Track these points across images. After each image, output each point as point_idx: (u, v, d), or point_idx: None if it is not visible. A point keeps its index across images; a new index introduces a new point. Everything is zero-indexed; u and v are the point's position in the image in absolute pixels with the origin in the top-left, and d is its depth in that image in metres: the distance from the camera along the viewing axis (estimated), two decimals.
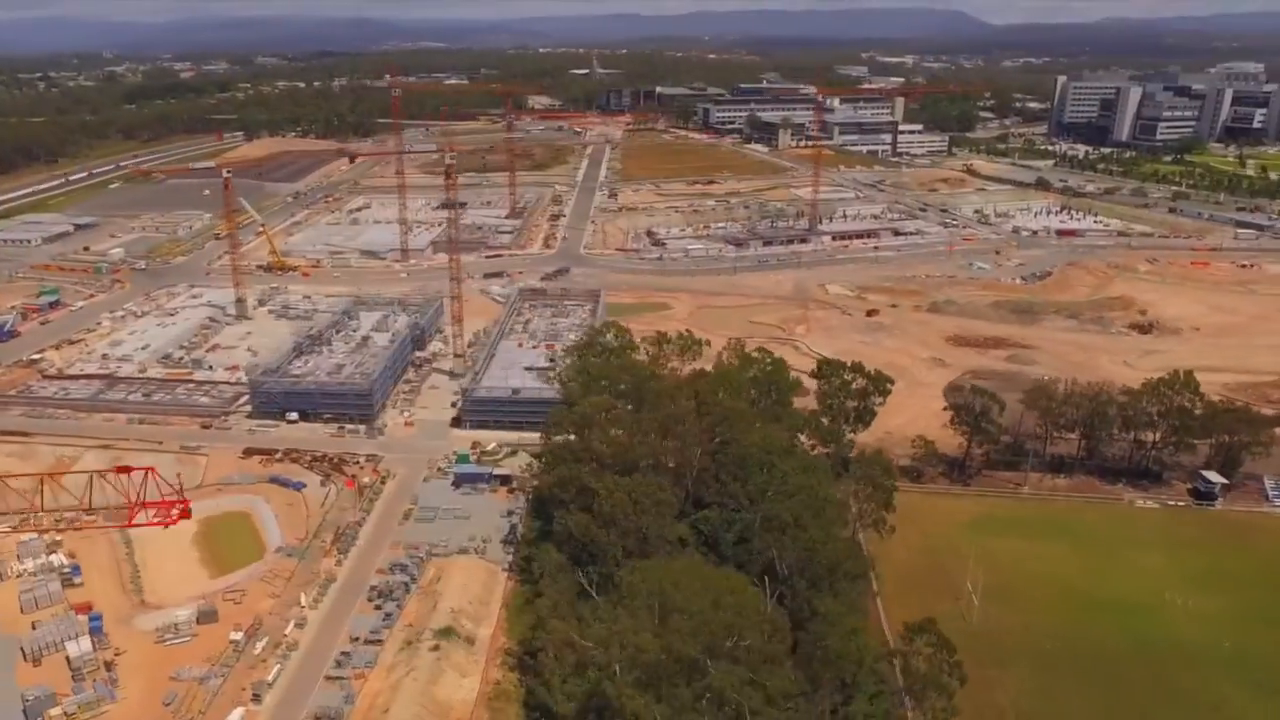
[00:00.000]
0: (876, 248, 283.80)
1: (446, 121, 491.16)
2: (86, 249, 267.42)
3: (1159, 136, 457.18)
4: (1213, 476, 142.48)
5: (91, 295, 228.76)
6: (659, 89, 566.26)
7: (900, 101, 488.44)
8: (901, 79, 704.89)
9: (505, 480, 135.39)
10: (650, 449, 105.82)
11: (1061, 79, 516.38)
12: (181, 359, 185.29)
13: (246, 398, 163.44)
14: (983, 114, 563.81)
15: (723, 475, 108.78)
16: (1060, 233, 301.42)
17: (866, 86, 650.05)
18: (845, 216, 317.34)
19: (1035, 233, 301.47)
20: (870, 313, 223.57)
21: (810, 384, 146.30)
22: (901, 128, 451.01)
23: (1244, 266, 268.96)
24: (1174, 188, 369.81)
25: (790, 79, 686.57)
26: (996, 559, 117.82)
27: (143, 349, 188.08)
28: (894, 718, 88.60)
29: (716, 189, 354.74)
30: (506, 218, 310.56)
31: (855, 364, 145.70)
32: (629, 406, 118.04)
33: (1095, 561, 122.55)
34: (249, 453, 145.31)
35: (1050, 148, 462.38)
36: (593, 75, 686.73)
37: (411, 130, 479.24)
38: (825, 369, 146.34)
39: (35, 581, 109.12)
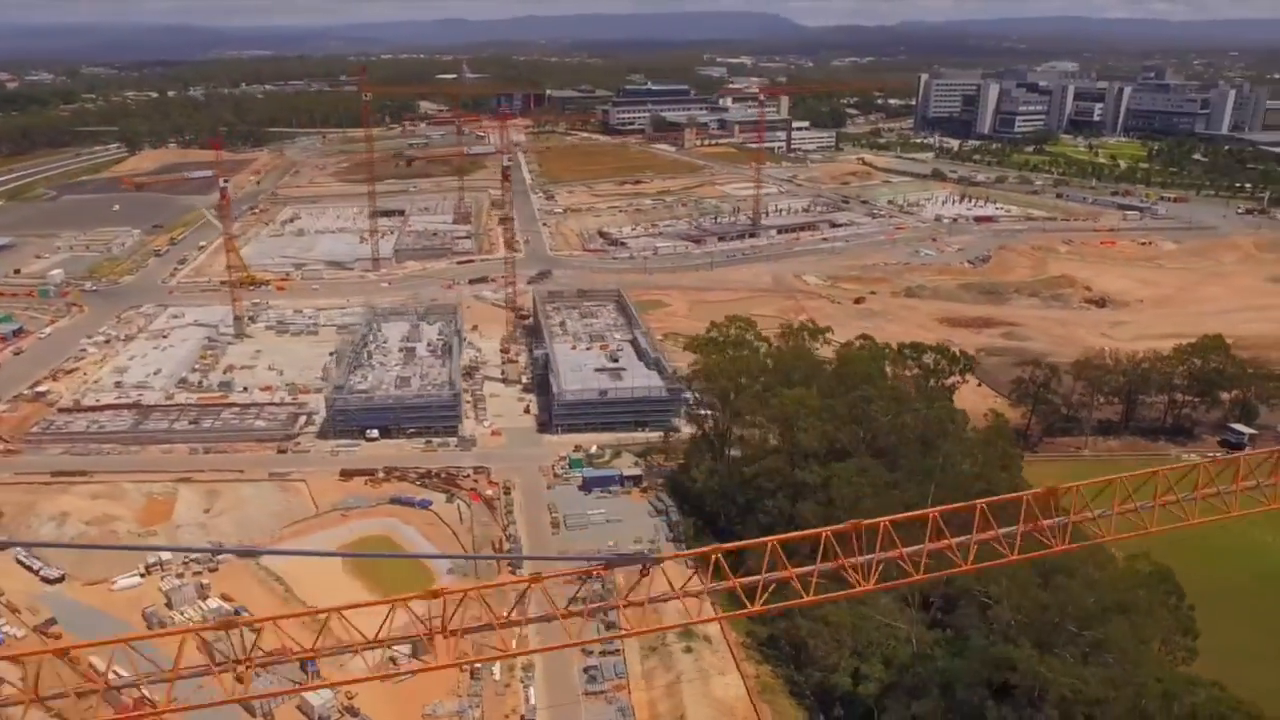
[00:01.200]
0: (825, 239, 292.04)
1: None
2: (17, 271, 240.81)
3: (1017, 129, 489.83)
4: (1240, 428, 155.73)
5: (52, 320, 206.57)
6: (549, 92, 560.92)
7: (785, 100, 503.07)
8: (759, 78, 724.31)
9: (636, 480, 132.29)
10: (852, 434, 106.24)
11: (924, 77, 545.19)
12: (201, 383, 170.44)
13: (305, 418, 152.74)
14: (849, 110, 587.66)
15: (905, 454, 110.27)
16: (977, 219, 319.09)
17: (733, 86, 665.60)
18: (778, 211, 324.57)
19: (955, 220, 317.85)
20: (858, 300, 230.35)
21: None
22: (796, 125, 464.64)
23: (1143, 244, 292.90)
24: (1045, 175, 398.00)
25: (655, 80, 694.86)
26: None
27: (155, 374, 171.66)
28: None
29: (647, 188, 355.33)
30: (454, 223, 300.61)
31: (938, 345, 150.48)
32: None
33: None
34: (347, 474, 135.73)
35: (924, 141, 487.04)
36: (461, 80, 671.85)
37: (307, 138, 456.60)
38: (907, 351, 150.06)
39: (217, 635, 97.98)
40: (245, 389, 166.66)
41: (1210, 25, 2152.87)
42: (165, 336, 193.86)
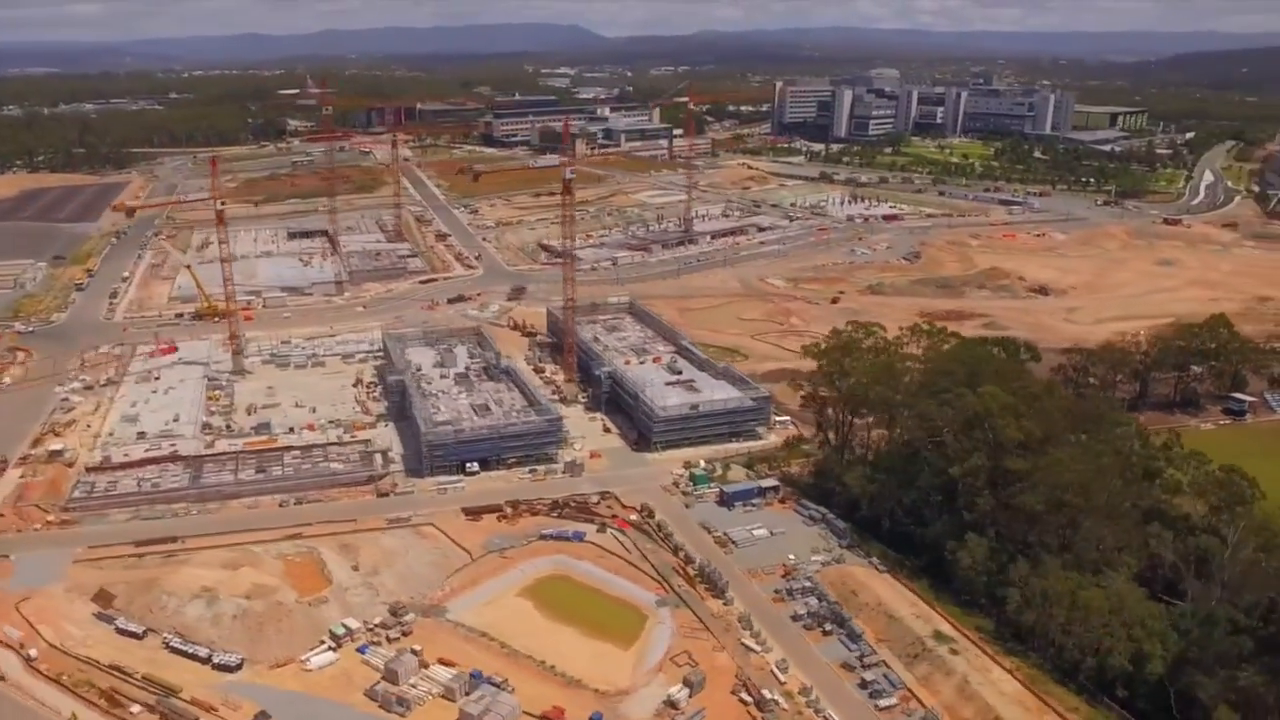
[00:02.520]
0: (762, 243, 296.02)
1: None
2: None
3: (871, 132, 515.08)
4: (1241, 396, 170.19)
5: (3, 367, 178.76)
6: (419, 105, 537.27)
7: (656, 110, 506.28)
8: (601, 89, 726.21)
9: (775, 491, 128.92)
10: (1054, 425, 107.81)
11: (779, 84, 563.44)
12: (229, 426, 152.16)
13: (378, 455, 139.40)
14: (705, 117, 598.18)
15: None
16: (885, 217, 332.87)
17: (585, 95, 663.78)
18: (701, 217, 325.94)
19: (866, 219, 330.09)
20: (834, 300, 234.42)
21: None
22: (676, 133, 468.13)
23: (1038, 235, 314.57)
24: (918, 174, 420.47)
25: (501, 90, 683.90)
26: None
27: (174, 421, 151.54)
28: None
29: (558, 199, 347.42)
30: (390, 242, 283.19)
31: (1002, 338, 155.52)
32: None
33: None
34: (472, 513, 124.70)
35: (791, 146, 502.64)
36: (304, 95, 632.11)
37: (173, 159, 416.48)
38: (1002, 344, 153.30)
39: (480, 702, 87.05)
40: (292, 429, 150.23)
41: (966, 36, 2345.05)
42: (157, 378, 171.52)
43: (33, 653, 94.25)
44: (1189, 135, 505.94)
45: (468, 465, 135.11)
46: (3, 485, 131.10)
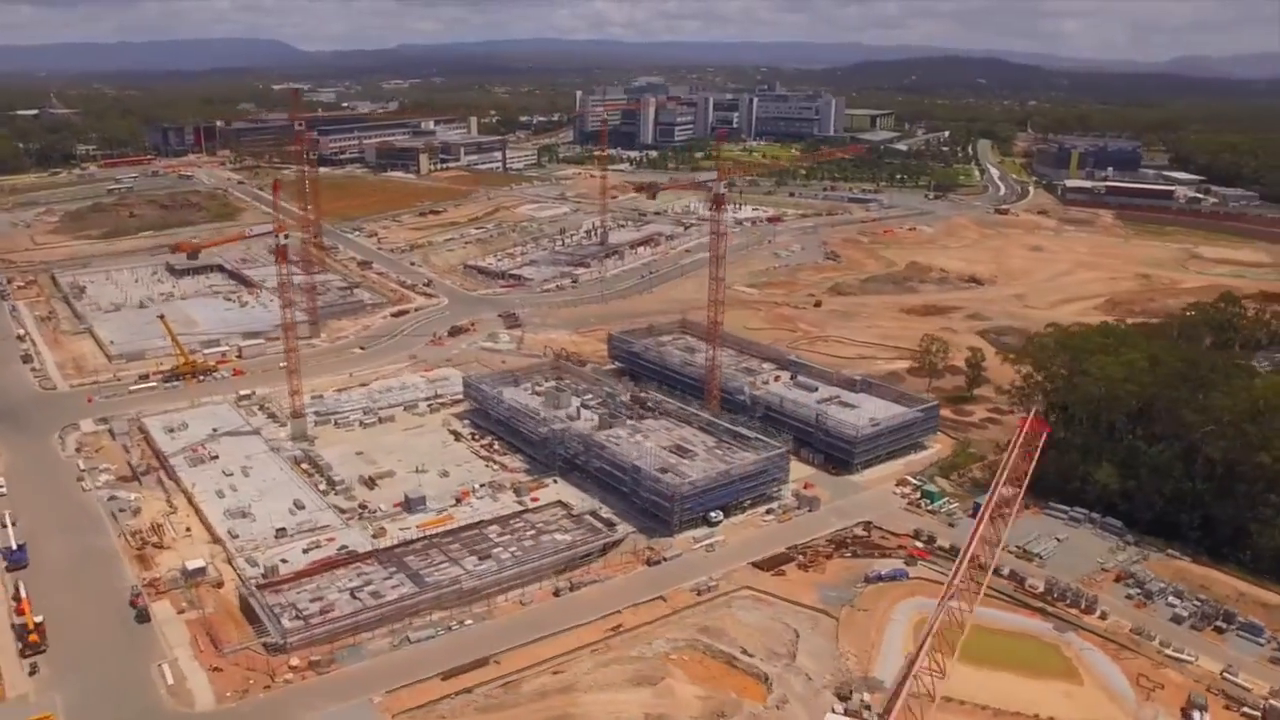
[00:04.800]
0: (687, 250, 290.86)
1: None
2: None
3: (676, 138, 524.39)
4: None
5: None
6: (219, 123, 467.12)
7: (474, 121, 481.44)
8: (383, 103, 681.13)
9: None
10: None
11: (579, 94, 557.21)
12: (364, 506, 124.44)
13: (587, 517, 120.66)
14: (499, 127, 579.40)
15: None
16: (769, 220, 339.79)
17: (356, 112, 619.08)
18: (595, 229, 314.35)
19: (754, 222, 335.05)
20: (816, 304, 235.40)
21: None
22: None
23: (911, 230, 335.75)
24: (747, 177, 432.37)
25: (267, 107, 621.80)
26: None
27: (298, 508, 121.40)
28: None
29: (450, 217, 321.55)
30: (306, 274, 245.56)
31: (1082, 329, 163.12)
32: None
33: None
34: (764, 567, 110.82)
35: (611, 154, 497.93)
36: (46, 114, 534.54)
37: None
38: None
39: None
40: (457, 501, 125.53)
41: (655, 46, 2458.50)
42: (214, 457, 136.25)
43: None
44: (946, 134, 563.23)
45: (711, 515, 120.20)
46: (168, 631, 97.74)
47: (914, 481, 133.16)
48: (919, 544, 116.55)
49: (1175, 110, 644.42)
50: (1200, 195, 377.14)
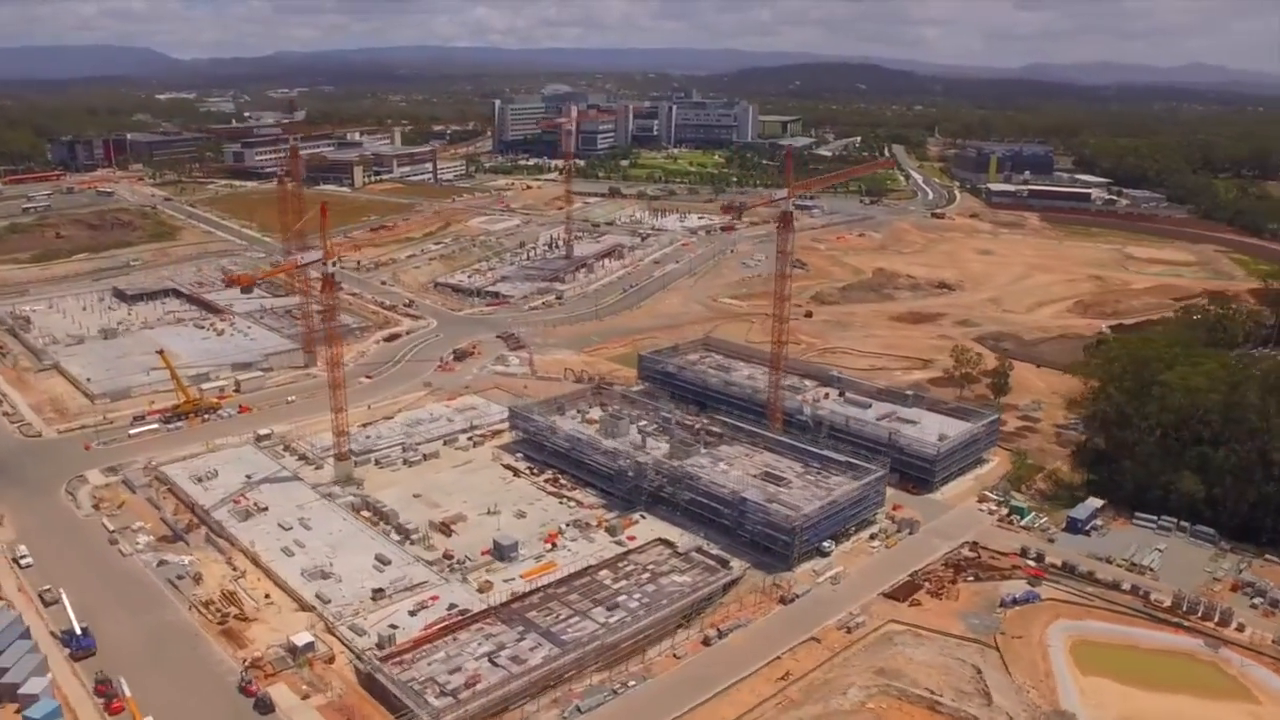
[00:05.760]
0: (656, 262, 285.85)
1: None
2: None
3: (599, 146, 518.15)
4: None
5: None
6: (130, 136, 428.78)
7: (397, 131, 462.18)
8: (286, 114, 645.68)
9: (1107, 509, 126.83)
10: None
11: (497, 103, 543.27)
12: (449, 557, 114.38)
13: (696, 551, 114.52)
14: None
15: None
16: (723, 229, 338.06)
17: (264, 124, 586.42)
18: (552, 242, 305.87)
19: (709, 231, 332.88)
20: (807, 314, 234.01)
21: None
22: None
23: (860, 236, 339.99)
24: (683, 184, 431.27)
25: (162, 117, 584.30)
26: None
27: (384, 564, 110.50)
28: None
29: (402, 232, 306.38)
30: (274, 296, 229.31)
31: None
32: None
33: None
34: (894, 597, 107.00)
35: (538, 164, 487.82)
36: None
37: None
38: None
39: None
40: (552, 545, 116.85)
41: (536, 53, 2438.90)
42: (264, 509, 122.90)
43: None
44: (858, 140, 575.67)
45: (824, 545, 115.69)
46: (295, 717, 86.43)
47: (994, 497, 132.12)
48: (1030, 563, 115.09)
49: (1075, 116, 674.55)
50: (1114, 197, 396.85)
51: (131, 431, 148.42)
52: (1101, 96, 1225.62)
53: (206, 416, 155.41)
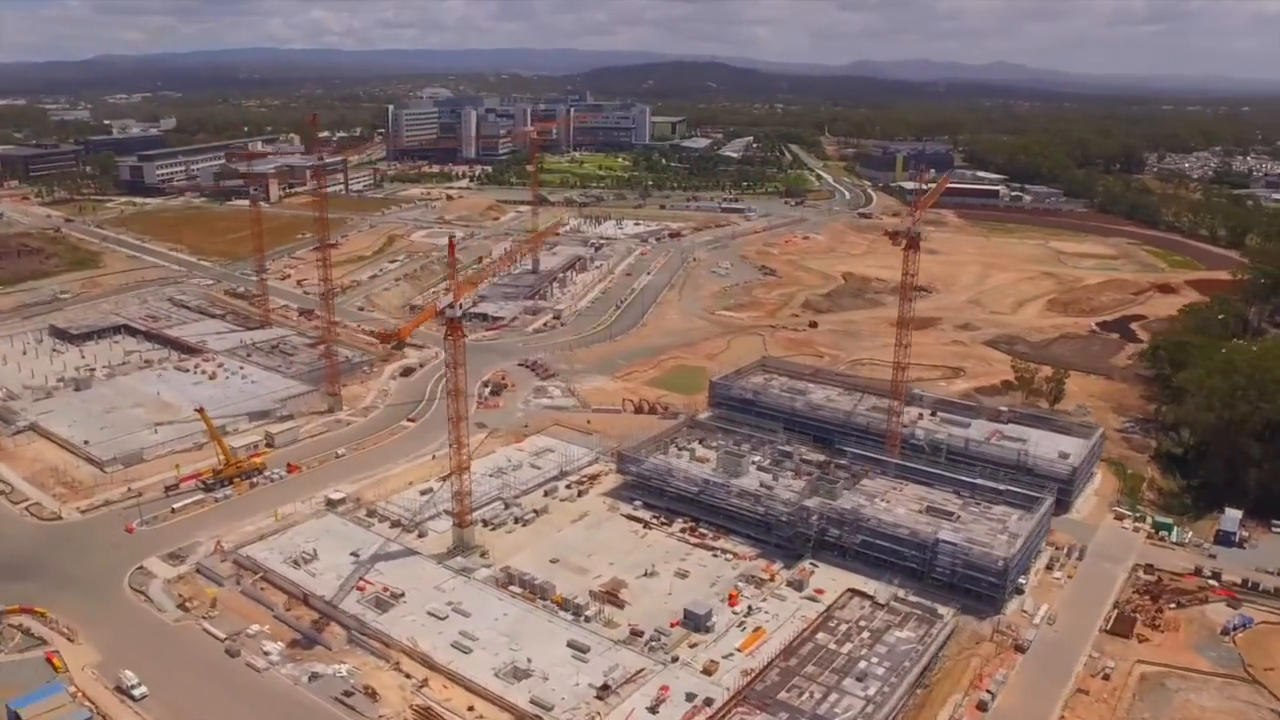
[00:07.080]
0: (628, 274, 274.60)
1: None
2: None
3: (500, 152, 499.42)
4: None
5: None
6: None
7: (296, 139, 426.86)
8: (151, 123, 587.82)
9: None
10: None
11: (391, 108, 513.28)
12: (638, 634, 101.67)
13: (895, 601, 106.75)
14: None
15: None
16: (670, 235, 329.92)
17: (149, 134, 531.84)
18: (514, 254, 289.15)
19: (658, 238, 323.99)
20: (812, 324, 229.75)
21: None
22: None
23: (805, 239, 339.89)
24: (596, 189, 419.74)
25: (9, 127, 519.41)
26: None
27: (582, 654, 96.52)
28: None
29: (350, 250, 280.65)
30: (248, 329, 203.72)
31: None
32: None
33: None
34: (1120, 632, 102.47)
35: (449, 171, 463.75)
36: None
37: None
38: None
39: None
40: (748, 610, 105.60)
41: (374, 54, 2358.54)
42: (401, 596, 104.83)
43: None
44: (751, 139, 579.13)
45: (1021, 580, 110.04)
46: None
47: (1130, 513, 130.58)
48: (1214, 583, 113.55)
49: (954, 115, 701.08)
50: (1018, 193, 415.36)
51: (174, 506, 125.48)
52: (936, 93, 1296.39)
53: (255, 480, 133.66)
